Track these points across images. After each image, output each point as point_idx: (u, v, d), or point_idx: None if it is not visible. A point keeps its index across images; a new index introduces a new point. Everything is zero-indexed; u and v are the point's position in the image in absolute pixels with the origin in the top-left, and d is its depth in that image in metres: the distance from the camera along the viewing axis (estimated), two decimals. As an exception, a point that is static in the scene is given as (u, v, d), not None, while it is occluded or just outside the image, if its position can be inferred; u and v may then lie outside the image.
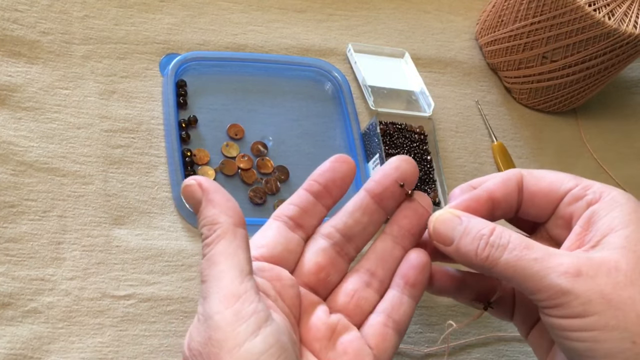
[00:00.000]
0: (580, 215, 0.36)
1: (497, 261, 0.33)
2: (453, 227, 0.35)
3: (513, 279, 0.33)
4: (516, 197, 0.38)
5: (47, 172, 0.49)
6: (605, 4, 0.63)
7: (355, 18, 0.71)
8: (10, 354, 0.42)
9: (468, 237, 0.35)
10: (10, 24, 0.55)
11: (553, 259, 0.33)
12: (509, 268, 0.33)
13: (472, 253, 0.34)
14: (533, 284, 0.32)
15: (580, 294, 0.31)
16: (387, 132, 0.60)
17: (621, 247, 0.33)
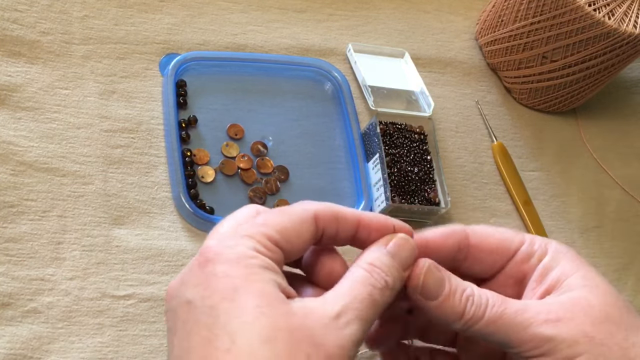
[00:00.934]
0: (533, 272, 0.36)
1: (479, 319, 0.33)
2: (439, 282, 0.34)
3: (495, 334, 0.33)
4: (455, 251, 0.37)
5: (47, 172, 0.49)
6: (605, 3, 0.63)
7: (355, 18, 0.71)
8: (10, 354, 0.42)
9: (456, 296, 0.34)
10: (10, 23, 0.55)
11: (531, 309, 0.33)
12: (490, 324, 0.33)
13: (459, 314, 0.33)
14: (516, 337, 0.32)
15: (565, 337, 0.32)
16: (387, 132, 0.59)
17: (583, 286, 0.34)
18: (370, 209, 0.56)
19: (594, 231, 0.66)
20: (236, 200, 0.53)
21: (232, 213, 0.33)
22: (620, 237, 0.67)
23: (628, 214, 0.69)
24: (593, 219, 0.67)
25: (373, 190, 0.57)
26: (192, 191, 0.52)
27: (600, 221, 0.67)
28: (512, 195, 0.64)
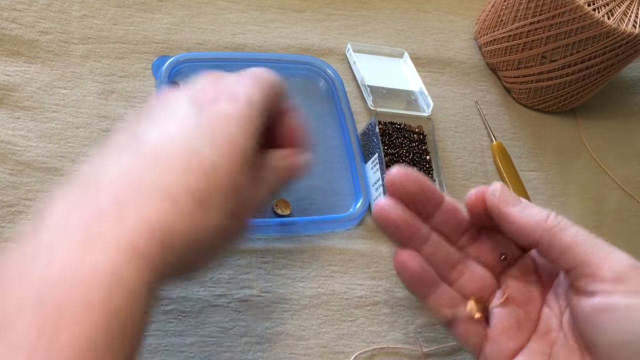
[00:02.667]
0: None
1: (567, 227, 0.35)
2: (516, 199, 0.37)
3: (576, 246, 0.34)
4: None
5: (46, 172, 0.49)
6: (605, 3, 0.63)
7: (354, 18, 0.71)
8: (8, 354, 0.41)
9: (535, 207, 0.36)
10: (8, 23, 0.55)
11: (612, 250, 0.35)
12: (576, 235, 0.35)
13: (544, 217, 0.35)
14: (599, 258, 0.34)
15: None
16: (386, 132, 0.59)
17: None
18: (369, 209, 0.56)
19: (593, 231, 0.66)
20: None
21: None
22: (619, 237, 0.67)
23: (628, 214, 0.69)
24: (592, 219, 0.67)
25: (372, 190, 0.57)
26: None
27: (599, 221, 0.67)
28: (512, 195, 0.64)
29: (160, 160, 0.30)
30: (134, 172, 0.30)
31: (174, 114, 0.34)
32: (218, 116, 0.33)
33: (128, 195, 0.29)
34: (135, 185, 0.29)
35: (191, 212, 0.29)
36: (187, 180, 0.30)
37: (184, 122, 0.33)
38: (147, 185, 0.29)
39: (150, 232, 0.27)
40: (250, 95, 0.35)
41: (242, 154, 0.32)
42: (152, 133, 0.32)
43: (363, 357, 0.49)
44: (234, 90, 0.36)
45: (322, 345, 0.49)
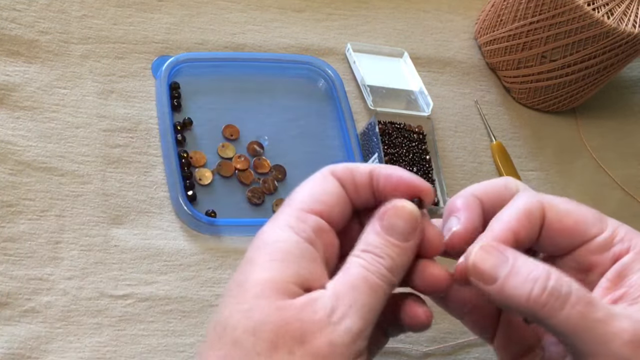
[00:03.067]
0: (605, 268, 0.33)
1: (556, 313, 0.29)
2: (496, 264, 0.30)
3: (570, 336, 0.30)
4: (537, 235, 0.34)
5: (45, 172, 0.49)
6: (604, 3, 0.63)
7: (354, 17, 0.71)
8: (8, 354, 0.41)
9: (517, 277, 0.30)
10: (8, 23, 0.55)
11: (616, 323, 0.29)
12: (569, 324, 0.29)
13: (523, 297, 0.29)
14: (593, 348, 0.29)
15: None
16: (386, 131, 0.59)
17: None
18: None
19: (593, 231, 0.66)
20: (235, 201, 0.53)
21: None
22: (619, 237, 0.66)
23: (628, 214, 0.69)
24: (592, 219, 0.67)
25: (372, 190, 0.57)
26: (190, 193, 0.51)
27: (599, 221, 0.67)
28: (511, 194, 0.64)
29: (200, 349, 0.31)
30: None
31: None
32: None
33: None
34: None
35: None
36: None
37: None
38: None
39: None
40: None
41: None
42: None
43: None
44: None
45: (322, 345, 0.48)
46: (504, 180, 0.36)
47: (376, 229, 0.31)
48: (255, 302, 0.28)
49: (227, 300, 0.30)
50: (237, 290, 0.29)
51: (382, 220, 0.31)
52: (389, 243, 0.31)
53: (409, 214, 0.31)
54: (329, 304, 0.29)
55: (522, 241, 0.33)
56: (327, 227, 0.31)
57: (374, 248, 0.31)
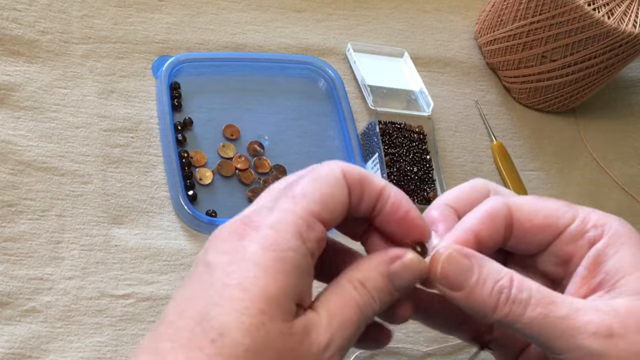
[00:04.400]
0: (583, 256, 0.33)
1: (519, 318, 0.29)
2: (464, 271, 0.30)
3: (537, 337, 0.30)
4: (502, 235, 0.33)
5: (46, 172, 0.49)
6: (605, 3, 0.63)
7: (355, 17, 0.71)
8: (9, 353, 0.42)
9: (485, 287, 0.30)
10: (9, 23, 0.55)
11: (581, 317, 0.30)
12: (533, 326, 0.29)
13: (490, 308, 0.30)
14: (560, 344, 0.29)
15: (613, 356, 0.29)
16: (386, 131, 0.59)
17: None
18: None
19: (593, 231, 0.66)
20: (235, 201, 0.53)
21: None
22: (619, 237, 0.66)
23: (628, 214, 0.69)
24: (592, 219, 0.67)
25: (372, 190, 0.57)
26: (190, 193, 0.51)
27: (599, 221, 0.67)
28: (512, 194, 0.64)
29: (170, 337, 0.27)
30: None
31: (193, 273, 0.29)
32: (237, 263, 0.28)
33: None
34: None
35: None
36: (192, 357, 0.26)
37: (198, 281, 0.28)
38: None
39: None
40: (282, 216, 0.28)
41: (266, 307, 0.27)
42: (172, 301, 0.29)
43: (363, 357, 0.49)
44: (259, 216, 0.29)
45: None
46: (473, 183, 0.36)
47: (382, 269, 0.31)
48: (262, 320, 0.27)
49: (222, 297, 0.27)
50: (239, 295, 0.27)
51: (392, 264, 0.31)
52: (388, 290, 0.31)
53: (417, 270, 0.31)
54: (324, 339, 0.28)
55: (485, 243, 0.33)
56: (325, 237, 0.30)
57: (373, 289, 0.30)
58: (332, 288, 0.30)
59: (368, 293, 0.30)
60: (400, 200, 0.31)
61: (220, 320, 0.26)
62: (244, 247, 0.28)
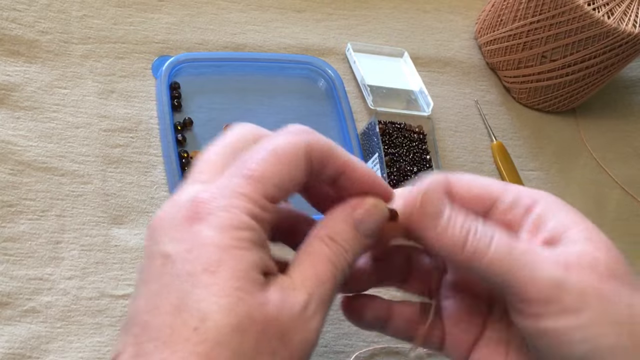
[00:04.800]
0: (521, 223, 0.34)
1: (484, 256, 0.30)
2: (438, 213, 0.31)
3: (499, 274, 0.31)
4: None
5: (46, 172, 0.49)
6: (605, 3, 0.63)
7: (354, 17, 0.71)
8: (9, 354, 0.41)
9: (455, 226, 0.31)
10: (8, 23, 0.55)
11: (540, 252, 0.31)
12: (495, 262, 0.30)
13: (459, 246, 0.31)
14: (524, 276, 0.30)
15: (574, 285, 0.30)
16: (386, 131, 0.59)
17: (586, 239, 0.32)
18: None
19: (593, 231, 0.66)
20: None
21: (223, 138, 0.31)
22: (619, 237, 0.66)
23: (628, 214, 0.69)
24: (592, 219, 0.66)
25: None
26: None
27: (599, 221, 0.66)
28: (512, 194, 0.64)
29: (151, 338, 0.26)
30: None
31: (151, 268, 0.28)
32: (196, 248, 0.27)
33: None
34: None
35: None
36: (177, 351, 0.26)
37: (160, 275, 0.27)
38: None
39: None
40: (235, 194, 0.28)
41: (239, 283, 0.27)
42: (136, 300, 0.28)
43: (363, 357, 0.49)
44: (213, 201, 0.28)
45: (322, 345, 0.49)
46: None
47: (347, 219, 0.31)
48: (239, 297, 0.26)
49: (194, 286, 0.26)
50: (210, 280, 0.26)
51: (356, 212, 0.31)
52: (357, 238, 0.31)
53: (380, 213, 0.32)
54: (302, 298, 0.28)
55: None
56: (277, 209, 0.30)
57: (342, 240, 0.31)
58: (302, 249, 0.31)
59: (338, 246, 0.30)
60: (364, 171, 0.32)
61: (198, 308, 0.26)
62: (200, 232, 0.27)
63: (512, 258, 0.30)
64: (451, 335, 0.36)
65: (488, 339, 0.35)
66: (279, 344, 0.27)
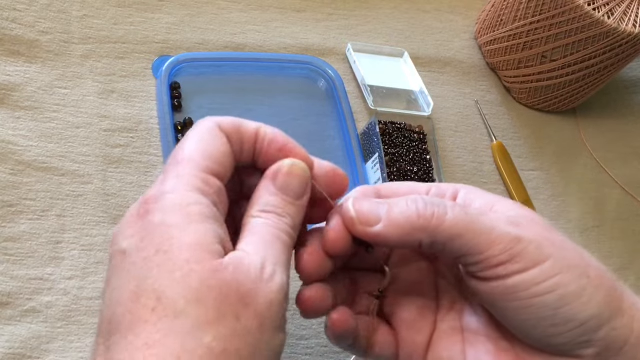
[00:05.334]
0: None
1: (443, 219, 0.31)
2: (376, 206, 0.32)
3: (459, 237, 0.31)
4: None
5: (46, 172, 0.49)
6: (605, 3, 0.63)
7: (355, 17, 0.71)
8: (9, 354, 0.42)
9: (399, 206, 0.32)
10: (9, 23, 0.55)
11: (491, 215, 0.32)
12: (456, 225, 0.31)
13: (413, 216, 0.31)
14: (484, 239, 0.31)
15: (531, 238, 0.31)
16: (386, 131, 0.59)
17: (517, 207, 0.33)
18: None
19: (593, 231, 0.66)
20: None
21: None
22: (619, 237, 0.67)
23: (628, 214, 0.69)
24: (593, 219, 0.67)
25: (372, 190, 0.57)
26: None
27: (600, 221, 0.67)
28: (512, 194, 0.64)
29: (115, 330, 0.27)
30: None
31: (111, 267, 0.29)
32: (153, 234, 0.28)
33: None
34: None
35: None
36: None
37: (119, 270, 0.28)
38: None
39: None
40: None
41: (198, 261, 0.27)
42: (102, 303, 0.29)
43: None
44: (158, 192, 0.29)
45: (322, 345, 0.49)
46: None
47: (271, 189, 0.32)
48: (190, 268, 0.27)
49: (149, 269, 0.27)
50: (162, 258, 0.27)
51: (276, 180, 0.32)
52: (287, 202, 0.32)
53: (302, 172, 0.32)
54: (257, 261, 0.29)
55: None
56: (224, 189, 0.31)
57: (275, 208, 0.31)
58: (243, 230, 0.31)
59: (272, 215, 0.31)
60: (276, 134, 0.33)
61: (153, 289, 0.26)
62: (150, 221, 0.28)
63: (470, 220, 0.31)
64: (406, 341, 0.36)
65: (442, 333, 0.35)
66: (242, 307, 0.27)
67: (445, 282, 0.37)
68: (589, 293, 0.30)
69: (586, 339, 0.31)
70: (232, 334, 0.26)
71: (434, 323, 0.36)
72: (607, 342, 0.31)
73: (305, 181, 0.32)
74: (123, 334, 0.26)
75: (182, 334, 0.25)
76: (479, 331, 0.34)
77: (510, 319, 0.32)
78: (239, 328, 0.26)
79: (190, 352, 0.25)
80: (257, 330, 0.27)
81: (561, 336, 0.31)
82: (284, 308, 0.29)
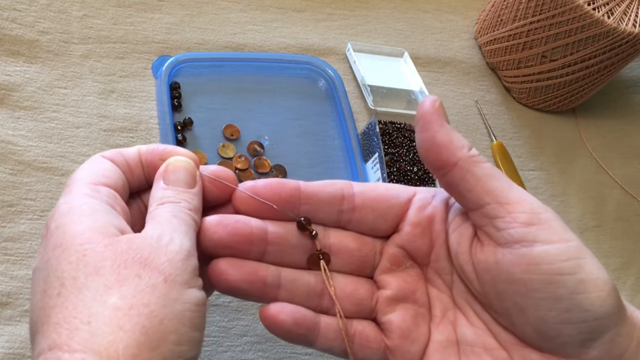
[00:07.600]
0: (443, 213, 0.35)
1: (480, 164, 0.32)
2: (445, 119, 0.34)
3: (495, 179, 0.33)
4: (338, 200, 0.36)
5: (46, 172, 0.49)
6: (604, 2, 0.63)
7: (355, 17, 0.71)
8: (9, 353, 0.41)
9: (457, 135, 0.33)
10: (9, 23, 0.55)
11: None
12: (492, 169, 0.33)
13: (464, 147, 0.33)
14: (514, 194, 0.32)
15: (557, 217, 0.32)
16: (386, 131, 0.59)
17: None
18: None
19: (593, 231, 0.66)
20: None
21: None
22: (619, 237, 0.67)
23: (628, 214, 0.69)
24: (592, 219, 0.67)
25: (372, 190, 0.57)
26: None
27: (599, 220, 0.67)
28: (512, 194, 0.64)
29: (35, 329, 0.28)
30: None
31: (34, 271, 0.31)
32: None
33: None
34: None
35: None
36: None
37: (36, 285, 0.30)
38: None
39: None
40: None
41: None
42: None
43: None
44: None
45: (322, 345, 0.48)
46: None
47: (162, 186, 0.33)
48: (84, 248, 0.28)
49: (51, 265, 0.29)
50: (59, 250, 0.29)
51: (164, 177, 0.33)
52: (179, 192, 0.33)
53: (185, 163, 0.34)
54: (154, 232, 0.30)
55: (313, 195, 0.35)
56: (119, 196, 0.33)
57: (168, 199, 0.32)
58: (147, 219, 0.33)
59: (167, 204, 0.32)
60: (154, 145, 0.35)
61: (55, 277, 0.28)
62: (49, 232, 0.30)
63: (508, 182, 0.33)
64: (399, 351, 0.35)
65: (437, 344, 0.35)
66: (141, 268, 0.28)
67: (435, 291, 0.36)
68: (608, 288, 0.30)
69: (593, 337, 0.30)
70: (137, 291, 0.28)
71: (428, 333, 0.35)
72: (609, 346, 0.30)
73: (191, 170, 0.34)
74: (39, 328, 0.28)
75: (88, 303, 0.27)
76: (475, 342, 0.34)
77: (526, 297, 0.31)
78: (142, 284, 0.28)
79: (98, 314, 0.27)
80: (162, 284, 0.28)
81: (572, 326, 0.30)
82: (190, 265, 0.30)
